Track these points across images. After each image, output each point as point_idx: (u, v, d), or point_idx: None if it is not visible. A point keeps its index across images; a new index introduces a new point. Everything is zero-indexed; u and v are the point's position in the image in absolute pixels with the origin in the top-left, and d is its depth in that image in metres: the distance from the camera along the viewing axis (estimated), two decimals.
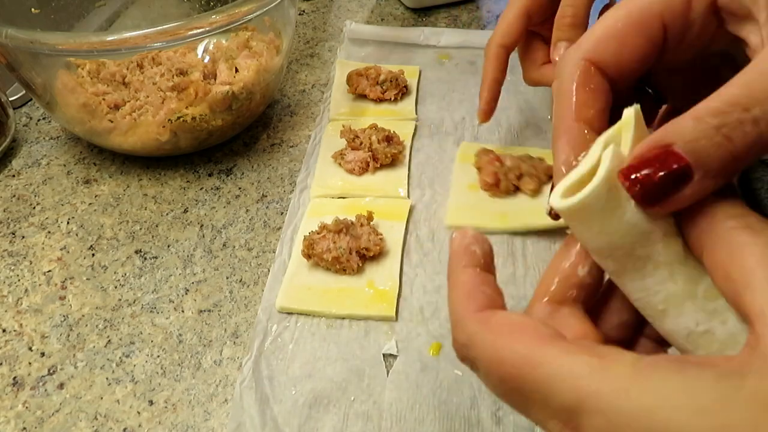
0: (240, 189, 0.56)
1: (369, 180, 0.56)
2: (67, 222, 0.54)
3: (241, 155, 0.60)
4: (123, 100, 0.54)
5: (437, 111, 0.64)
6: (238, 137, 0.62)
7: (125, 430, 0.39)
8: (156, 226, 0.53)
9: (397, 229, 0.51)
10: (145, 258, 0.50)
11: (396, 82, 0.64)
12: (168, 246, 0.51)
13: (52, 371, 0.43)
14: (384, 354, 0.43)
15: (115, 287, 0.48)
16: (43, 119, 0.66)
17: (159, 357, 0.43)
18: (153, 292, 0.48)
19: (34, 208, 0.55)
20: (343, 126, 0.58)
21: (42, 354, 0.44)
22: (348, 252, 0.46)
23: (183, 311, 0.46)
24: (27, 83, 0.55)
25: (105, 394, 0.41)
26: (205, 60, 0.56)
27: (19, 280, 0.49)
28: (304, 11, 0.83)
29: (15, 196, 0.56)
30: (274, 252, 0.50)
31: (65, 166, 0.59)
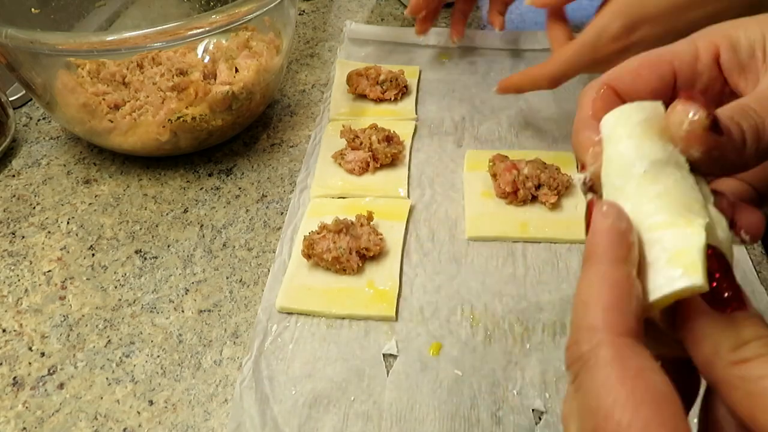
0: (240, 189, 0.56)
1: (369, 180, 0.56)
2: (67, 222, 0.54)
3: (241, 155, 0.60)
4: (123, 100, 0.54)
5: (437, 111, 0.64)
6: (238, 137, 0.62)
7: (125, 430, 0.39)
8: (156, 226, 0.53)
9: (397, 229, 0.51)
10: (145, 258, 0.50)
11: (396, 82, 0.64)
12: (168, 246, 0.51)
13: (52, 371, 0.43)
14: (384, 354, 0.43)
15: (115, 287, 0.48)
16: (43, 119, 0.66)
17: (159, 357, 0.43)
18: (153, 292, 0.48)
19: (34, 208, 0.55)
20: (343, 126, 0.58)
21: (42, 354, 0.44)
22: (348, 252, 0.46)
23: (183, 311, 0.46)
24: (27, 83, 0.55)
25: (105, 394, 0.41)
26: (205, 60, 0.56)
27: (19, 280, 0.49)
28: (304, 11, 0.83)
29: (15, 196, 0.56)
30: (274, 252, 0.50)
31: (65, 166, 0.59)
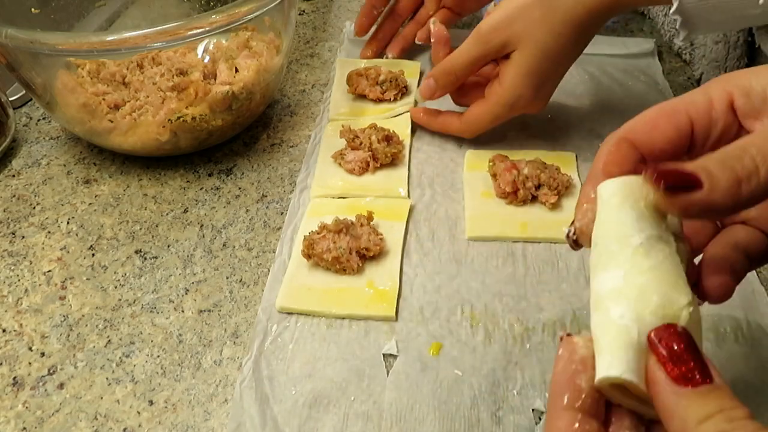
0: (240, 189, 0.56)
1: (369, 180, 0.56)
2: (67, 222, 0.54)
3: (241, 155, 0.60)
4: (123, 100, 0.54)
5: None
6: (238, 137, 0.62)
7: (125, 430, 0.39)
8: (156, 226, 0.53)
9: (397, 229, 0.51)
10: (145, 258, 0.50)
11: (396, 82, 0.64)
12: (168, 246, 0.51)
13: (52, 371, 0.43)
14: (384, 354, 0.43)
15: (115, 287, 0.48)
16: (43, 119, 0.66)
17: (159, 357, 0.43)
18: (153, 292, 0.48)
19: (34, 208, 0.55)
20: (343, 126, 0.58)
21: (42, 354, 0.44)
22: (348, 252, 0.46)
23: (183, 311, 0.46)
24: (27, 83, 0.55)
25: (105, 394, 0.41)
26: (205, 60, 0.56)
27: (19, 280, 0.49)
28: (304, 11, 0.83)
29: (15, 196, 0.56)
30: (274, 252, 0.50)
31: (65, 166, 0.59)
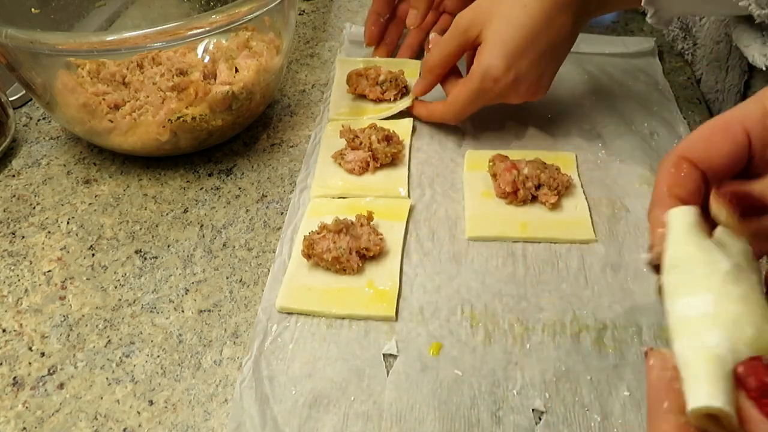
0: (240, 189, 0.56)
1: (369, 180, 0.56)
2: (67, 222, 0.54)
3: (241, 155, 0.60)
4: (123, 100, 0.54)
5: None
6: (238, 137, 0.62)
7: (125, 430, 0.39)
8: (156, 226, 0.53)
9: (397, 229, 0.51)
10: (145, 258, 0.50)
11: (396, 82, 0.64)
12: (168, 246, 0.51)
13: (52, 371, 0.43)
14: (384, 354, 0.43)
15: (115, 287, 0.48)
16: (43, 119, 0.66)
17: (159, 357, 0.43)
18: (153, 292, 0.48)
19: (34, 208, 0.55)
20: (343, 126, 0.58)
21: (42, 354, 0.44)
22: (348, 252, 0.46)
23: (183, 311, 0.46)
24: (27, 83, 0.55)
25: (105, 394, 0.41)
26: (205, 60, 0.56)
27: (19, 280, 0.49)
28: (304, 11, 0.83)
29: (15, 196, 0.56)
30: (274, 252, 0.50)
31: (65, 166, 0.59)
